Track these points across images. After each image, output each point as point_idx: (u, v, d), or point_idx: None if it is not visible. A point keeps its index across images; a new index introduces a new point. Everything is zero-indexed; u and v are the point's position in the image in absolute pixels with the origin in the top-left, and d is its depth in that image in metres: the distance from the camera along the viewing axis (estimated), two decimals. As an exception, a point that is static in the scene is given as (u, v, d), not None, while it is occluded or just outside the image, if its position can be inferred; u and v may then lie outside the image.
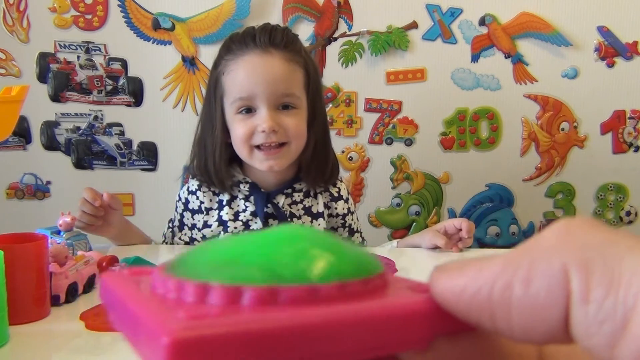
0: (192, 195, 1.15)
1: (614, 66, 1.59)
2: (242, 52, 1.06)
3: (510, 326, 0.15)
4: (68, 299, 0.78)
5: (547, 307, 0.14)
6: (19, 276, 0.69)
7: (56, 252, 0.79)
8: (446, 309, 0.16)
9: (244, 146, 1.06)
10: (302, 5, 1.56)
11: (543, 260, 0.14)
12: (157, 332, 0.13)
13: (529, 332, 0.14)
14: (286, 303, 0.15)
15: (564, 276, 0.14)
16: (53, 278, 0.76)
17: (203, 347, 0.13)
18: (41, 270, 0.73)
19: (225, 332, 0.13)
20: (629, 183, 1.66)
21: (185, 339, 0.13)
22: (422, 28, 1.58)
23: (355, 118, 1.62)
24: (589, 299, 0.13)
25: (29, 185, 1.60)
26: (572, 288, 0.13)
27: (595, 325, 0.13)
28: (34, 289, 0.72)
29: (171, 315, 0.14)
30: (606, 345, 0.13)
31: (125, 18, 1.56)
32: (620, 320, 0.13)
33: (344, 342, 0.14)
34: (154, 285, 0.16)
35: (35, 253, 0.72)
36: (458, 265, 0.16)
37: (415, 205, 1.65)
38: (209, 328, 0.13)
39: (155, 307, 0.15)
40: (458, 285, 0.15)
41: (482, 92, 1.61)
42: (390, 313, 0.15)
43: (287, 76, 1.05)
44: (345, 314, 0.14)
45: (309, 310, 0.14)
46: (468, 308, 0.15)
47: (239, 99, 1.05)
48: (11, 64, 1.56)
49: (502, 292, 0.14)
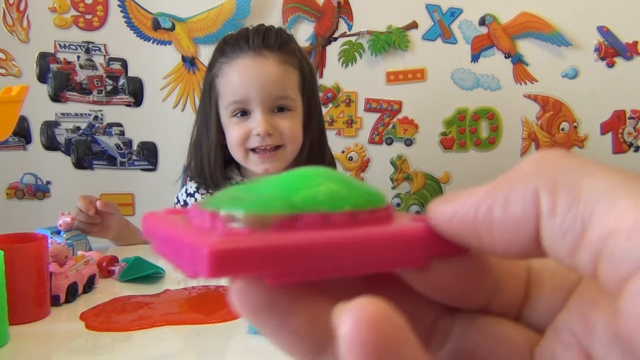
0: (190, 197, 1.15)
1: (614, 66, 1.59)
2: (235, 55, 1.05)
3: (492, 243, 0.17)
4: (68, 299, 0.78)
5: (522, 224, 0.16)
6: (19, 276, 0.69)
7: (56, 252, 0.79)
8: (441, 233, 0.18)
9: (239, 149, 1.06)
10: (302, 5, 1.56)
11: (519, 186, 0.16)
12: (200, 247, 0.16)
13: (508, 247, 0.17)
14: (304, 227, 0.17)
15: (535, 197, 0.16)
16: (53, 278, 0.76)
17: (236, 257, 0.16)
18: (41, 270, 0.73)
19: (253, 246, 0.16)
20: (629, 183, 1.66)
21: (222, 250, 0.16)
22: (422, 28, 1.58)
23: (355, 118, 1.62)
24: (554, 213, 0.15)
25: (29, 185, 1.60)
26: (541, 206, 0.16)
27: (559, 235, 0.15)
28: (34, 289, 0.72)
29: (209, 235, 0.17)
30: (569, 252, 0.15)
31: (125, 18, 1.56)
32: (579, 229, 0.15)
33: (352, 259, 0.17)
34: (191, 218, 0.19)
35: (35, 253, 0.72)
36: (450, 196, 0.18)
37: (415, 205, 1.65)
38: (240, 242, 0.16)
39: (195, 231, 0.18)
40: (449, 211, 0.18)
41: (482, 92, 1.61)
42: (393, 236, 0.18)
43: (281, 79, 1.04)
44: (354, 235, 0.17)
45: (323, 232, 0.17)
46: (458, 230, 0.18)
47: (233, 103, 1.04)
48: (11, 64, 1.56)
49: (485, 214, 0.17)
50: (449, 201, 0.18)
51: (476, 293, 0.19)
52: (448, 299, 0.19)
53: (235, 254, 0.16)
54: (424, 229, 0.18)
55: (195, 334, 0.68)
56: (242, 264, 0.16)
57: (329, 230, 0.17)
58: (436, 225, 0.18)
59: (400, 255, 0.18)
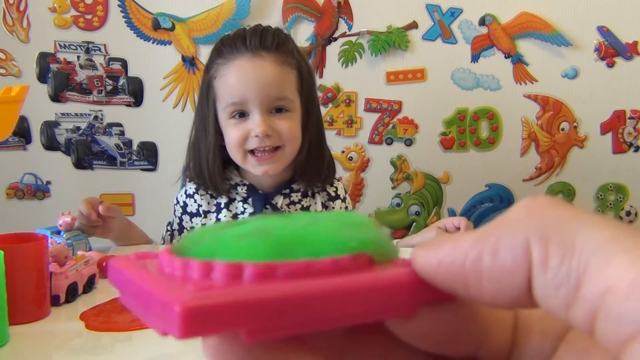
0: (190, 198, 1.15)
1: (614, 66, 1.59)
2: (232, 56, 1.04)
3: (481, 293, 0.17)
4: (68, 299, 0.78)
5: (512, 275, 0.16)
6: (19, 276, 0.69)
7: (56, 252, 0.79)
8: (426, 280, 0.18)
9: (238, 151, 1.05)
10: (302, 5, 1.56)
11: (508, 235, 0.16)
12: (170, 303, 0.14)
13: (498, 297, 0.16)
14: (283, 277, 0.16)
15: (526, 248, 0.16)
16: (53, 278, 0.76)
17: (211, 314, 0.14)
18: (41, 270, 0.73)
19: (230, 301, 0.15)
20: (629, 183, 1.66)
21: (195, 307, 0.14)
22: (422, 28, 1.58)
23: (355, 118, 1.62)
24: (547, 266, 0.15)
25: (29, 185, 1.60)
26: (533, 258, 0.15)
27: (552, 289, 0.15)
28: (34, 289, 0.72)
29: (181, 289, 0.15)
30: (563, 306, 0.15)
31: (125, 18, 1.56)
32: (574, 284, 0.15)
33: (335, 310, 0.16)
34: (161, 266, 0.18)
35: (35, 253, 0.72)
36: (436, 242, 0.18)
37: (415, 205, 1.65)
38: (215, 297, 0.15)
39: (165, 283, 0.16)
40: (435, 258, 0.17)
41: (482, 92, 1.61)
42: (376, 284, 0.17)
43: (279, 79, 1.04)
44: (336, 285, 0.16)
45: (304, 282, 0.16)
46: (445, 278, 0.17)
47: (231, 104, 1.04)
48: (11, 64, 1.56)
49: (473, 263, 0.16)
50: (434, 248, 0.17)
51: (463, 340, 0.19)
52: (435, 347, 0.19)
53: (210, 311, 0.14)
54: (409, 275, 0.18)
55: (195, 334, 0.68)
56: (217, 321, 0.15)
57: (310, 280, 0.16)
58: (422, 272, 0.18)
59: (385, 304, 0.17)
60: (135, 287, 0.17)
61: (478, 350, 0.19)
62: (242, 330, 0.15)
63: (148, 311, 0.16)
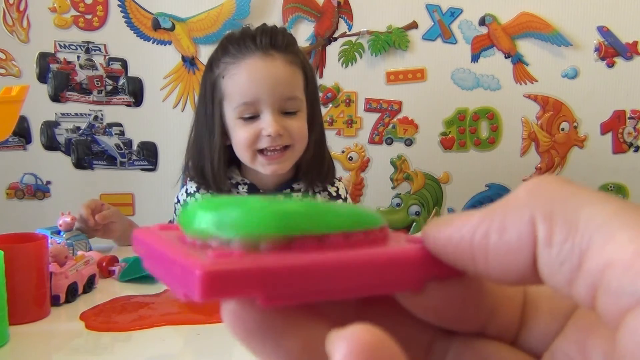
0: (191, 197, 1.15)
1: (614, 66, 1.59)
2: (242, 55, 1.04)
3: (488, 269, 0.17)
4: (68, 299, 0.78)
5: (518, 252, 0.16)
6: (19, 276, 0.69)
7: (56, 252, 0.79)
8: (436, 256, 0.18)
9: (247, 151, 1.05)
10: (302, 5, 1.56)
11: (515, 213, 0.17)
12: (191, 268, 0.15)
13: (504, 273, 0.17)
14: (299, 248, 0.17)
15: (531, 225, 0.16)
16: (53, 278, 0.76)
17: (229, 279, 0.15)
18: (41, 270, 0.73)
19: (247, 267, 0.16)
20: (629, 183, 1.66)
21: (214, 271, 0.15)
22: (422, 28, 1.58)
23: (355, 118, 1.62)
24: (551, 243, 0.16)
25: (29, 185, 1.60)
26: (537, 235, 0.16)
27: (556, 265, 0.15)
28: (34, 289, 0.72)
29: (201, 255, 0.16)
30: (566, 282, 0.15)
31: (125, 18, 1.56)
32: (577, 260, 0.15)
33: (346, 281, 0.17)
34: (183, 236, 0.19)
35: (35, 253, 0.72)
36: (446, 219, 0.18)
37: (415, 205, 1.65)
38: (233, 264, 0.16)
39: (186, 251, 0.17)
40: (445, 235, 0.18)
41: (482, 92, 1.61)
42: (387, 258, 0.18)
43: (289, 79, 1.04)
44: (348, 257, 0.17)
45: (319, 254, 0.17)
46: (453, 254, 0.18)
47: (242, 104, 1.03)
48: (11, 64, 1.56)
49: (480, 240, 0.17)
50: (444, 225, 0.18)
51: (472, 316, 0.19)
52: (443, 321, 0.19)
53: (228, 276, 0.16)
54: (420, 251, 0.18)
55: (196, 334, 0.68)
56: (235, 286, 0.16)
57: (324, 252, 0.17)
58: (432, 248, 0.18)
59: (395, 277, 0.18)
60: (158, 255, 0.18)
61: (486, 326, 0.20)
62: (258, 295, 0.16)
63: (170, 276, 0.17)
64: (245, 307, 0.17)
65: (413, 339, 0.20)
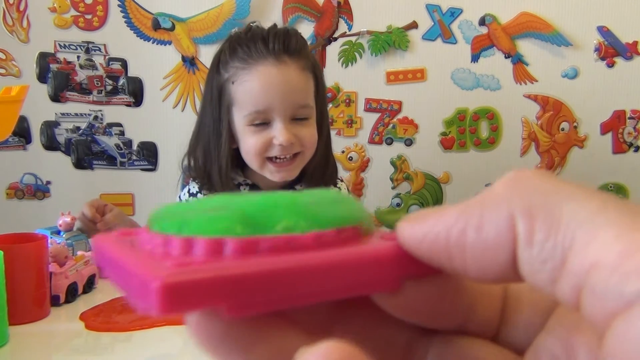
0: (193, 197, 1.14)
1: (614, 66, 1.59)
2: (254, 60, 1.00)
3: (465, 267, 0.16)
4: (68, 299, 0.78)
5: (496, 250, 0.16)
6: (19, 276, 0.69)
7: (56, 252, 0.79)
8: (411, 254, 0.17)
9: (257, 158, 1.03)
10: (302, 5, 1.56)
11: (493, 208, 0.16)
12: (148, 279, 0.14)
13: (483, 272, 0.16)
14: (265, 252, 0.16)
15: (510, 222, 0.15)
16: (53, 278, 0.76)
17: (190, 290, 0.14)
18: (41, 270, 0.73)
19: (209, 276, 0.14)
20: (629, 183, 1.66)
21: (173, 283, 0.14)
22: (422, 28, 1.58)
23: (355, 118, 1.62)
24: (532, 241, 0.15)
25: (29, 185, 1.60)
26: (517, 232, 0.15)
27: (538, 264, 0.15)
28: (34, 289, 0.72)
29: (160, 265, 0.15)
30: (549, 281, 0.15)
31: (125, 18, 1.56)
32: (559, 259, 0.14)
33: (318, 285, 0.16)
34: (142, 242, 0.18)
35: (35, 253, 0.72)
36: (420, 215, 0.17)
37: (415, 205, 1.65)
38: (194, 273, 0.14)
39: (145, 259, 0.16)
40: (420, 232, 0.17)
41: (482, 92, 1.61)
42: (360, 258, 0.17)
43: (302, 87, 1.02)
44: (318, 259, 0.16)
45: (287, 257, 0.16)
46: (429, 252, 0.17)
47: (254, 112, 1.00)
48: (11, 64, 1.56)
49: (457, 237, 0.16)
50: (419, 221, 0.17)
51: (451, 314, 0.19)
52: (422, 320, 0.19)
53: (189, 287, 0.14)
54: (394, 249, 0.17)
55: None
56: (197, 297, 0.14)
57: (292, 254, 0.16)
58: (407, 246, 0.17)
59: (370, 278, 0.17)
60: (116, 265, 0.17)
61: (466, 323, 0.19)
62: (223, 305, 0.15)
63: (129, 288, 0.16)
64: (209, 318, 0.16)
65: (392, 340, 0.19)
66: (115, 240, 0.19)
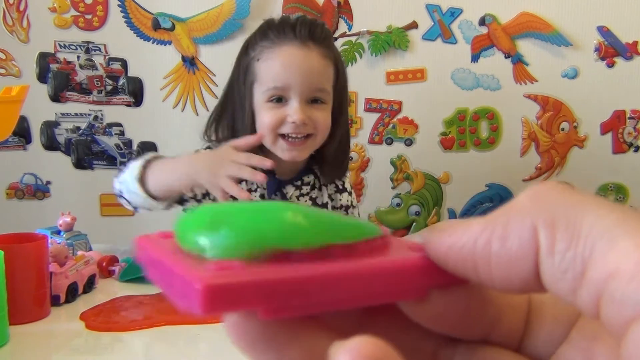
0: None
1: (614, 66, 1.59)
2: (280, 41, 1.05)
3: (491, 277, 0.17)
4: (68, 299, 0.78)
5: (520, 260, 0.16)
6: (19, 276, 0.69)
7: (56, 252, 0.79)
8: (438, 264, 0.18)
9: (270, 134, 1.06)
10: (302, 5, 1.56)
11: (517, 220, 0.17)
12: (192, 281, 0.15)
13: (507, 281, 0.17)
14: (300, 259, 0.17)
15: (533, 233, 0.16)
16: (53, 278, 0.76)
17: (229, 293, 0.15)
18: (41, 270, 0.73)
19: (247, 280, 0.16)
20: (629, 183, 1.66)
21: (215, 285, 0.15)
22: (422, 28, 1.58)
23: (355, 118, 1.62)
24: (553, 251, 0.16)
25: (29, 185, 1.60)
26: (540, 243, 0.16)
27: (559, 273, 0.16)
28: (34, 289, 0.72)
29: (202, 267, 0.16)
30: (570, 290, 0.15)
31: (125, 18, 1.56)
32: (580, 268, 0.15)
33: (349, 292, 0.17)
34: None
35: (35, 253, 0.72)
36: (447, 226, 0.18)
37: (415, 205, 1.65)
38: (234, 277, 0.16)
39: (187, 262, 0.17)
40: (447, 243, 0.18)
41: (482, 92, 1.61)
42: (390, 267, 0.18)
43: (321, 71, 1.06)
44: (350, 268, 0.17)
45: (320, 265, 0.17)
46: (455, 262, 0.18)
47: (272, 88, 1.05)
48: (11, 64, 1.56)
49: (482, 248, 0.17)
50: (446, 232, 0.18)
51: (476, 324, 0.19)
52: (447, 329, 0.19)
53: (229, 289, 0.15)
54: (422, 259, 0.18)
55: (195, 334, 0.68)
56: (236, 299, 0.16)
57: (325, 263, 0.17)
58: (434, 256, 0.18)
59: (398, 286, 0.18)
60: (159, 265, 0.18)
61: (490, 334, 0.20)
62: (259, 308, 0.16)
63: (171, 288, 0.17)
64: (247, 319, 0.17)
65: (417, 348, 0.20)
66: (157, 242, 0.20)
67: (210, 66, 1.57)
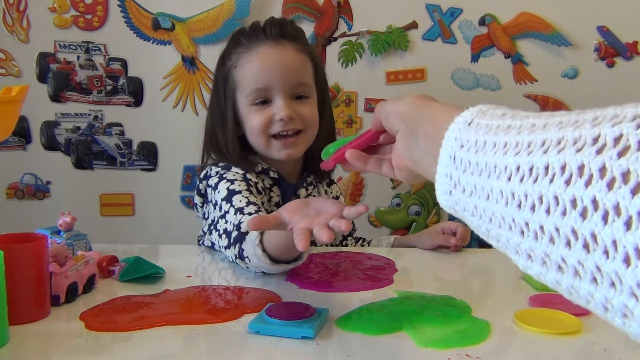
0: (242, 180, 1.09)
1: (614, 66, 1.59)
2: (254, 44, 1.07)
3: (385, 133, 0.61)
4: (68, 299, 0.78)
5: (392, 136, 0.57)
6: (19, 276, 0.69)
7: (56, 252, 0.79)
8: None
9: (261, 136, 1.06)
10: (302, 5, 1.56)
11: (394, 122, 0.58)
12: None
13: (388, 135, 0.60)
14: None
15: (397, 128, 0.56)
16: (53, 278, 0.76)
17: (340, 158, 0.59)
18: (41, 270, 0.73)
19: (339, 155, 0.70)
20: (629, 183, 1.65)
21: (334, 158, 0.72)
22: (422, 28, 1.58)
23: (355, 118, 1.62)
24: (402, 138, 0.55)
25: (29, 185, 1.60)
26: (398, 135, 0.56)
27: (405, 149, 0.55)
28: (34, 289, 0.72)
29: None
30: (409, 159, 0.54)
31: (125, 18, 1.56)
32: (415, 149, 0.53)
33: None
34: None
35: (35, 253, 0.72)
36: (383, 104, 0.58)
37: (415, 205, 1.65)
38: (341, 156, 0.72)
39: None
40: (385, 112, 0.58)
41: (482, 92, 1.61)
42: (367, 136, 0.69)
43: (299, 65, 1.08)
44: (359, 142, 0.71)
45: None
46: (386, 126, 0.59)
47: (255, 90, 1.06)
48: (11, 64, 1.56)
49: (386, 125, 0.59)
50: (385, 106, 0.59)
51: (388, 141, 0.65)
52: None
53: None
54: None
55: (195, 334, 0.68)
56: None
57: None
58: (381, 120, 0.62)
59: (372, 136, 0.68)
60: None
61: None
62: None
63: None
64: None
65: None
66: None
67: (210, 66, 1.57)
